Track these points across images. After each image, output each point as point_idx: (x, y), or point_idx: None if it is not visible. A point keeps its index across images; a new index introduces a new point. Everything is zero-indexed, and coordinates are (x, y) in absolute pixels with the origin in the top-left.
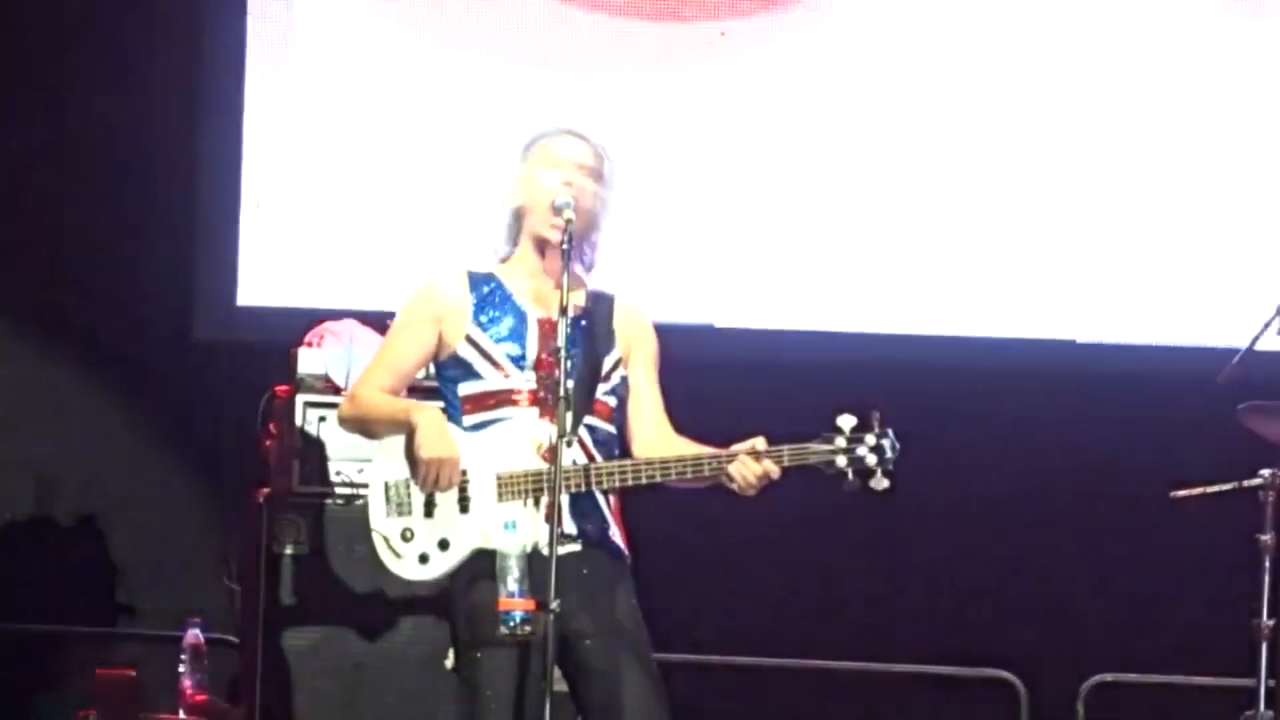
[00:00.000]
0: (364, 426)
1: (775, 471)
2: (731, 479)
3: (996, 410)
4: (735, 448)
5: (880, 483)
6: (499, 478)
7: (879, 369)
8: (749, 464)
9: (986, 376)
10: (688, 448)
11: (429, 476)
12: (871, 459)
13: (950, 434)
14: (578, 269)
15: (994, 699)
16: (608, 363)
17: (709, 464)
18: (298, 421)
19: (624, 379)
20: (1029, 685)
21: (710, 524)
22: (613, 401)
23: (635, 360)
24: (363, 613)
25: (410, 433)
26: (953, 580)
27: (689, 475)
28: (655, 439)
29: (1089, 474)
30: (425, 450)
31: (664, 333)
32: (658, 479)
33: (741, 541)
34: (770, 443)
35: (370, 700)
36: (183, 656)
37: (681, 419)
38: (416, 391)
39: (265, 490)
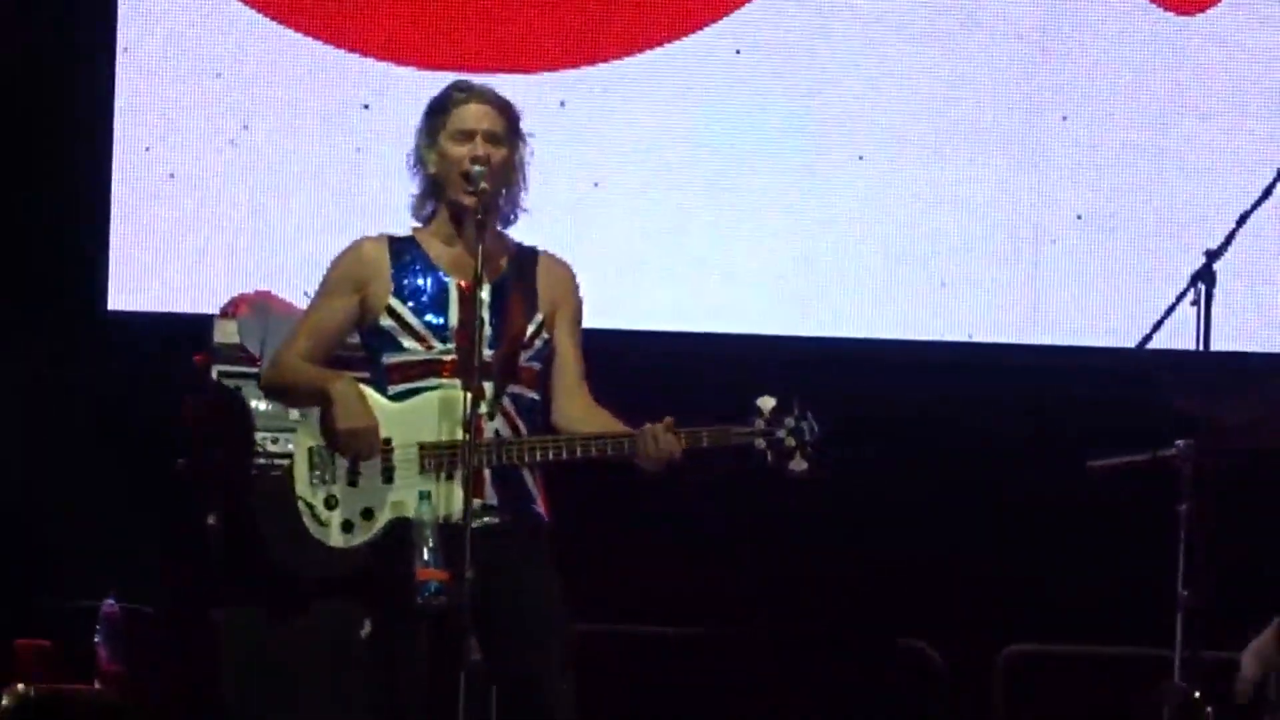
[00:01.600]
0: (284, 395)
1: (676, 450)
2: (636, 454)
3: (909, 391)
4: (648, 426)
5: (799, 465)
6: (422, 448)
7: (794, 368)
8: (657, 435)
9: (897, 362)
10: (601, 421)
11: (347, 447)
12: (790, 441)
13: (864, 413)
14: (498, 228)
15: (910, 669)
16: (530, 327)
17: (613, 443)
18: (215, 392)
19: (547, 341)
20: (945, 655)
21: (631, 495)
22: (537, 366)
23: (558, 322)
24: (284, 583)
25: (327, 403)
26: (869, 551)
27: (594, 452)
28: (572, 411)
29: (1005, 445)
30: (341, 420)
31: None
32: (564, 456)
33: (661, 513)
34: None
35: (291, 671)
36: (98, 628)
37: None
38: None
39: (183, 461)
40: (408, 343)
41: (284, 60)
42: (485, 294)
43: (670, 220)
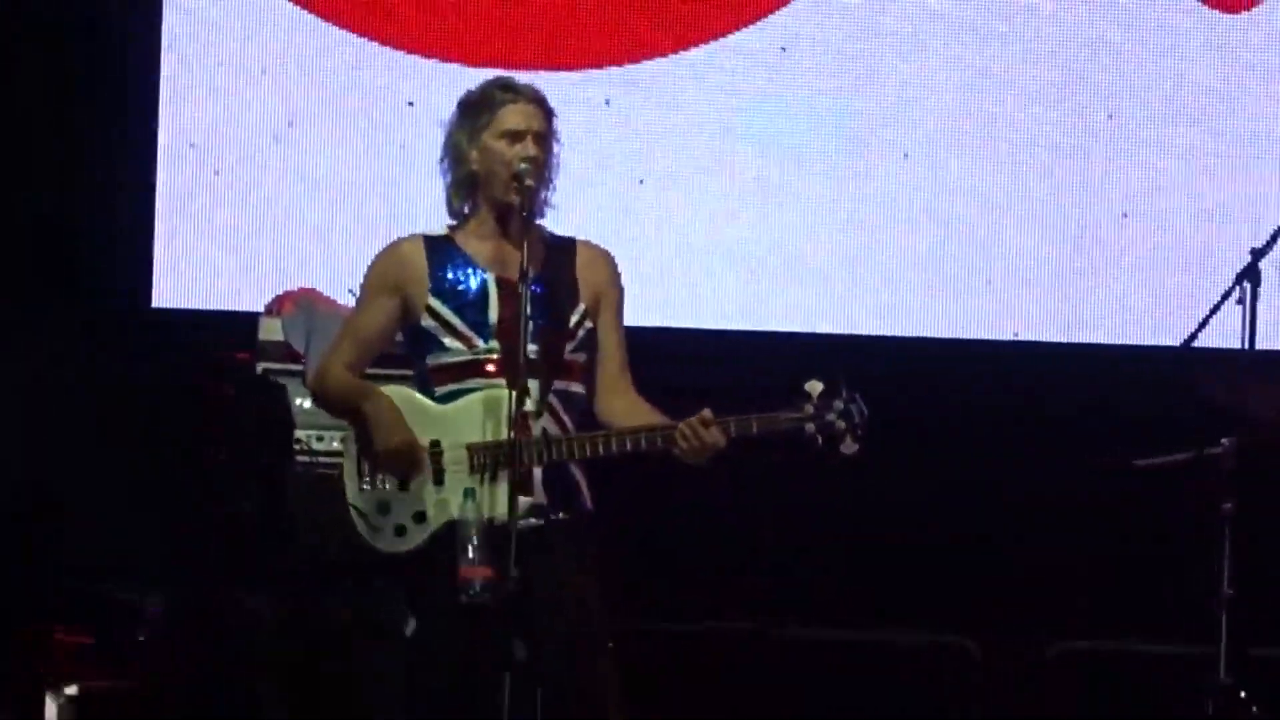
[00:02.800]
0: (329, 408)
1: (721, 441)
2: (679, 447)
3: (954, 389)
4: (685, 422)
5: (850, 447)
6: (470, 449)
7: (839, 365)
8: (697, 430)
9: (942, 360)
10: (643, 415)
11: (390, 467)
12: (841, 424)
13: (910, 407)
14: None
15: (954, 666)
16: (573, 318)
17: (662, 435)
18: (254, 387)
19: (591, 331)
20: (988, 652)
21: (670, 491)
22: (582, 358)
23: (601, 311)
24: (320, 578)
25: (363, 424)
26: (912, 547)
27: (643, 445)
28: (614, 404)
29: (1050, 443)
30: (379, 443)
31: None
32: (613, 450)
33: (699, 508)
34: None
35: (327, 665)
36: (144, 622)
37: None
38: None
39: (222, 456)
40: (450, 342)
41: (328, 57)
42: (526, 295)
43: (715, 218)
